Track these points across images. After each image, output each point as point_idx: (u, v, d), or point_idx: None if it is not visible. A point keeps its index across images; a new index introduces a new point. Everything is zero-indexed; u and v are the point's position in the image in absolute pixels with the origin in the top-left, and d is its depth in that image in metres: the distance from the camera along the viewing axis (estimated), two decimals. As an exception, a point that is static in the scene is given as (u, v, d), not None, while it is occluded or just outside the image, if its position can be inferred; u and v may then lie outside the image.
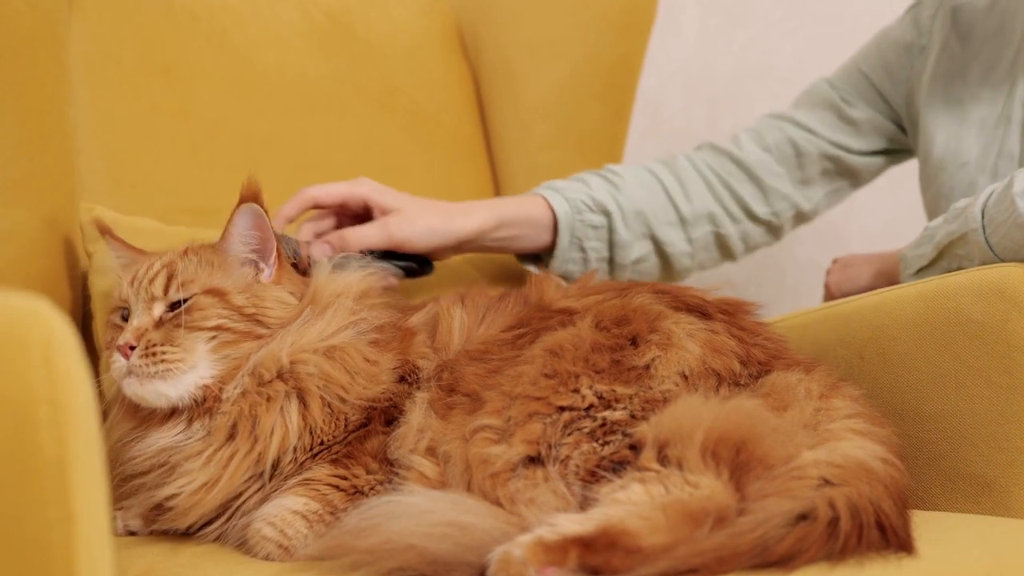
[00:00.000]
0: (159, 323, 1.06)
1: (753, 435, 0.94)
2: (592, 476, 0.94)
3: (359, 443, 1.06)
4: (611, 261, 1.47)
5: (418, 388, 1.08)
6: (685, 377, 1.02)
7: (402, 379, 1.09)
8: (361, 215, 1.33)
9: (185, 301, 1.06)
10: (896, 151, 1.54)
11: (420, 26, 1.70)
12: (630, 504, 0.89)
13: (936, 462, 1.14)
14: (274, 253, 1.12)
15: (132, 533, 1.13)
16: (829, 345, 1.26)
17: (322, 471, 1.04)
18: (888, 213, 2.16)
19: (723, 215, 1.50)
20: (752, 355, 1.08)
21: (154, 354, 1.02)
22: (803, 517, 0.88)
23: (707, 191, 1.49)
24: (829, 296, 1.60)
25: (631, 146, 1.83)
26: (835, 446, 0.97)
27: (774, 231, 1.55)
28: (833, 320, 1.27)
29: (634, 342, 1.05)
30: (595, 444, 0.96)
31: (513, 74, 1.67)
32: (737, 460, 0.92)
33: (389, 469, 1.04)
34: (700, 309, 1.12)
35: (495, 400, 1.01)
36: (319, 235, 1.32)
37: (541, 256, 1.46)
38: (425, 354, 1.11)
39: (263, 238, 1.11)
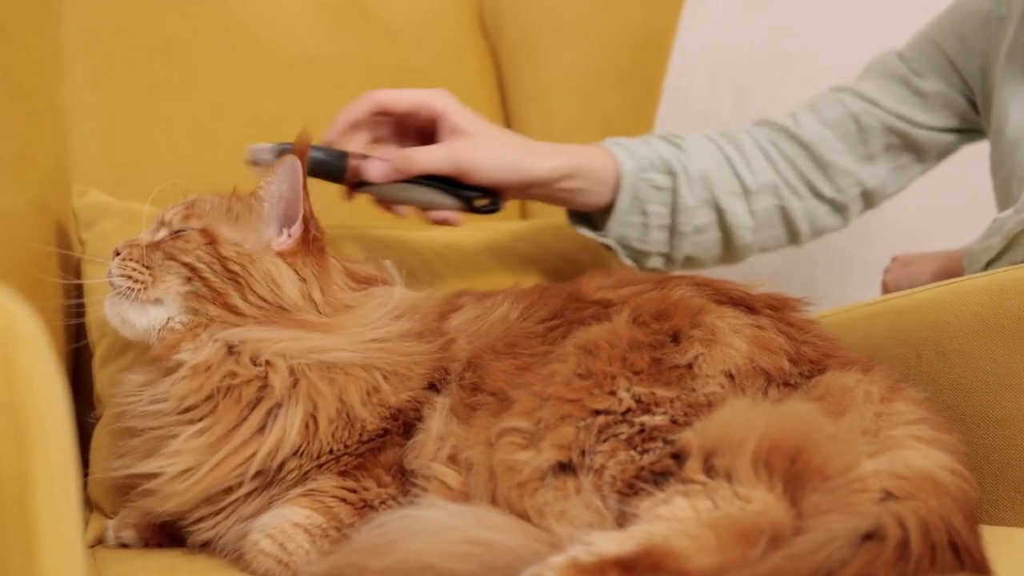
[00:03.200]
0: (154, 246, 1.03)
1: (809, 443, 0.86)
2: (630, 488, 0.87)
3: (372, 454, 0.98)
4: (672, 228, 1.36)
5: (439, 393, 1.01)
6: (731, 377, 0.95)
7: (431, 385, 1.02)
8: (424, 130, 1.21)
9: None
10: (966, 131, 1.45)
11: (436, 2, 1.65)
12: (674, 520, 0.81)
13: (1004, 472, 1.06)
14: (298, 222, 1.04)
15: (125, 546, 1.07)
16: (881, 343, 1.17)
17: (328, 482, 0.97)
18: (925, 202, 2.04)
19: (786, 189, 1.40)
20: (802, 353, 1.00)
21: (125, 268, 1.02)
22: (869, 537, 0.79)
23: (768, 164, 1.39)
24: (885, 295, 1.51)
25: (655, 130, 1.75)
26: (898, 455, 0.89)
27: (840, 210, 1.45)
28: (886, 316, 1.18)
29: (675, 338, 0.97)
30: (633, 452, 0.89)
31: (536, 52, 1.61)
32: (792, 471, 0.85)
33: (404, 482, 0.97)
34: (745, 303, 1.05)
35: (525, 400, 0.93)
36: (376, 141, 1.20)
37: (593, 218, 1.35)
38: (460, 358, 1.04)
39: (291, 200, 1.04)
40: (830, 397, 0.93)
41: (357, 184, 1.16)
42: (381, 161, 1.14)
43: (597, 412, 0.91)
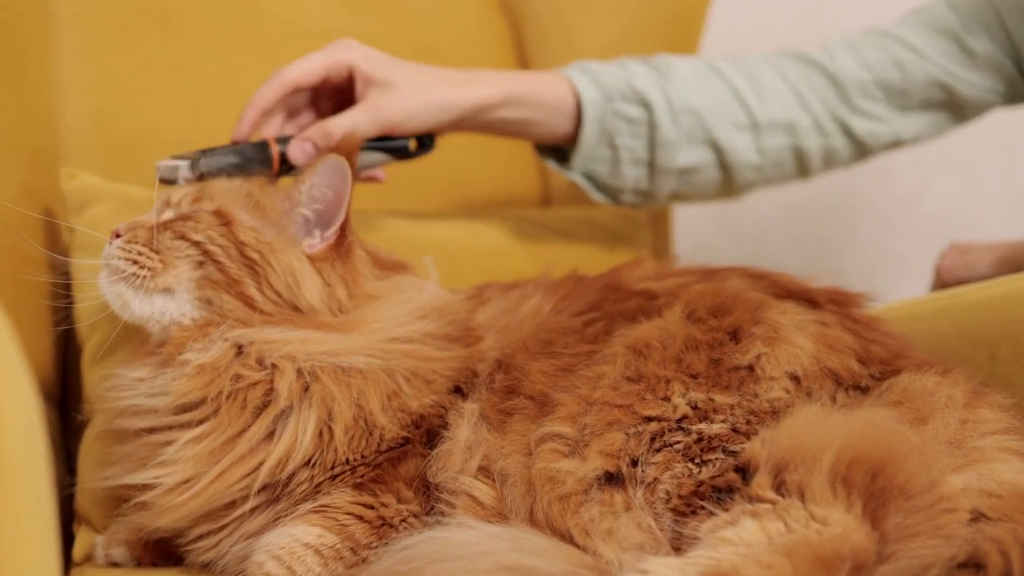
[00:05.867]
0: (161, 227, 0.95)
1: (892, 456, 0.78)
2: (687, 506, 0.79)
3: (392, 466, 0.90)
4: (651, 164, 1.26)
5: (465, 398, 0.93)
6: (796, 380, 0.87)
7: (457, 389, 0.94)
8: (340, 88, 1.13)
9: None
10: (1011, 96, 1.36)
11: (453, -25, 1.59)
12: (742, 545, 0.74)
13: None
14: (336, 226, 0.96)
15: (115, 564, 0.99)
16: (947, 341, 1.08)
17: (343, 497, 0.89)
18: (961, 196, 2.03)
19: (809, 127, 1.30)
20: (872, 352, 0.92)
21: (130, 251, 0.94)
22: (965, 566, 0.72)
23: (792, 97, 1.30)
24: (939, 282, 1.44)
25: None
26: (987, 469, 0.82)
27: (864, 152, 1.36)
28: (953, 312, 1.09)
29: (735, 336, 0.89)
30: (690, 464, 0.81)
31: (563, 31, 1.54)
32: (873, 488, 0.77)
33: (427, 498, 0.89)
34: (806, 297, 0.97)
35: (568, 404, 0.86)
36: (292, 116, 1.13)
37: (563, 151, 1.26)
38: (488, 358, 0.96)
39: (331, 202, 0.96)
40: (908, 402, 0.86)
41: (285, 169, 1.09)
42: (302, 143, 1.07)
43: (649, 419, 0.83)
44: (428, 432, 0.91)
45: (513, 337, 0.96)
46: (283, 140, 1.08)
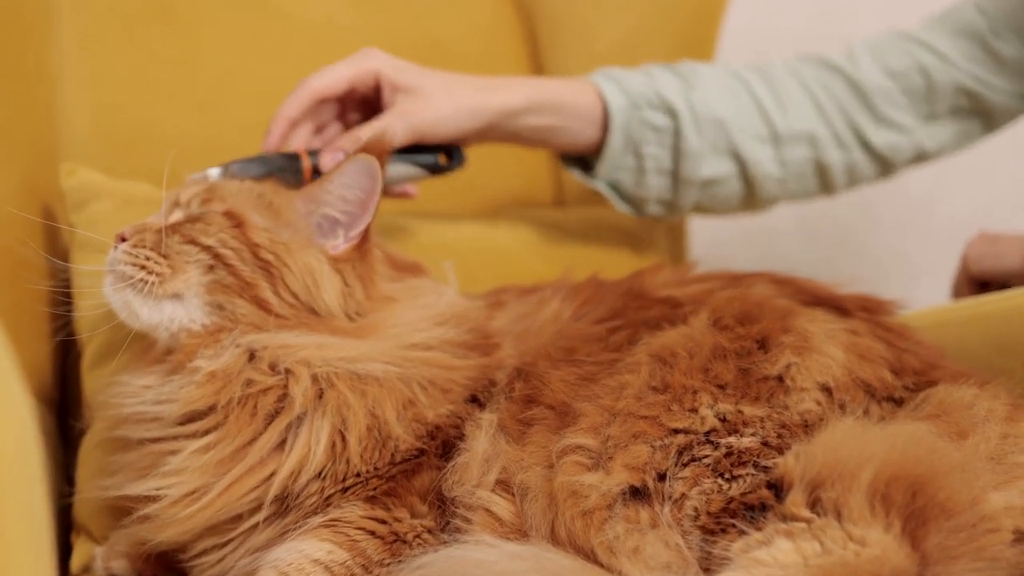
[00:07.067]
0: (169, 230, 0.92)
1: (933, 473, 0.75)
2: (717, 523, 0.76)
3: (405, 478, 0.87)
4: (675, 174, 1.24)
5: (482, 408, 0.90)
6: (828, 391, 0.84)
7: (474, 399, 0.90)
8: (367, 98, 1.12)
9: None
10: None
11: (465, -31, 1.57)
12: (777, 567, 0.70)
13: None
14: (362, 227, 0.93)
15: None
16: (978, 351, 1.04)
17: (354, 511, 0.85)
18: (977, 199, 2.00)
19: (828, 139, 1.28)
20: (905, 362, 0.89)
21: (137, 256, 0.90)
22: None
23: (812, 108, 1.28)
24: (965, 272, 1.39)
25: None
26: None
27: (887, 167, 1.33)
28: (984, 320, 1.05)
29: (763, 345, 0.85)
30: (720, 480, 0.77)
31: (579, 27, 1.51)
32: (913, 507, 0.73)
33: (442, 513, 0.86)
34: (834, 304, 0.94)
35: (591, 414, 0.82)
36: (319, 128, 1.11)
37: (587, 160, 1.25)
38: (507, 366, 0.92)
39: (358, 203, 0.93)
40: (946, 416, 0.82)
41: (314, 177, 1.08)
42: (334, 152, 1.06)
43: (676, 431, 0.80)
44: (444, 444, 0.88)
45: (532, 344, 0.93)
46: (313, 153, 1.07)
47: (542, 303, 0.97)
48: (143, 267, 0.89)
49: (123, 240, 0.92)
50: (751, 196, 1.29)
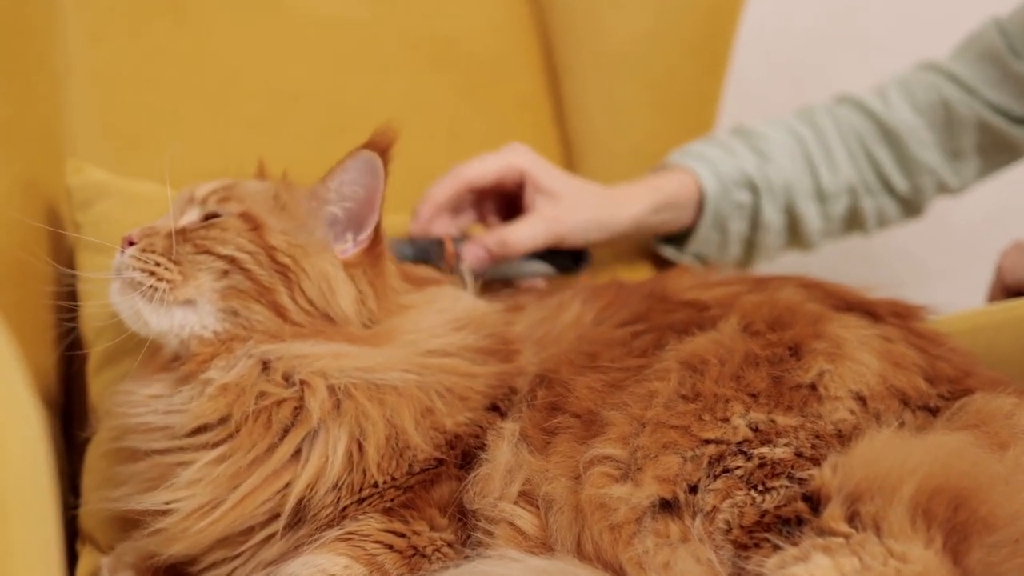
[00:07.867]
0: (180, 235, 0.89)
1: (976, 486, 0.72)
2: (750, 538, 0.73)
3: (424, 489, 0.84)
4: (750, 242, 1.31)
5: (503, 416, 0.87)
6: (862, 400, 0.81)
7: (494, 407, 0.88)
8: (506, 192, 1.17)
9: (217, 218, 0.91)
10: None
11: (476, -35, 1.55)
12: None
13: None
14: (370, 229, 0.91)
15: None
16: (1011, 358, 1.01)
17: (371, 524, 0.82)
18: (995, 202, 1.94)
19: (862, 187, 1.33)
20: (939, 370, 0.87)
21: (146, 261, 0.87)
22: None
23: (850, 160, 1.32)
24: (1000, 282, 1.38)
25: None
26: None
27: (912, 209, 1.37)
28: (1016, 326, 1.02)
29: (795, 352, 0.83)
30: (753, 492, 0.75)
31: (594, 25, 1.49)
32: (954, 521, 0.71)
33: (463, 525, 0.83)
34: (866, 309, 0.91)
35: (619, 423, 0.80)
36: (456, 213, 1.15)
37: (677, 236, 1.31)
38: (528, 372, 0.90)
39: (364, 203, 0.91)
40: (984, 426, 0.80)
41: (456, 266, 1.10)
42: (477, 248, 1.10)
43: (707, 441, 0.77)
44: (464, 454, 0.85)
45: (553, 349, 0.90)
46: (457, 240, 1.11)
47: (562, 307, 0.95)
48: (152, 273, 0.87)
49: (130, 244, 0.89)
50: (793, 243, 1.35)
